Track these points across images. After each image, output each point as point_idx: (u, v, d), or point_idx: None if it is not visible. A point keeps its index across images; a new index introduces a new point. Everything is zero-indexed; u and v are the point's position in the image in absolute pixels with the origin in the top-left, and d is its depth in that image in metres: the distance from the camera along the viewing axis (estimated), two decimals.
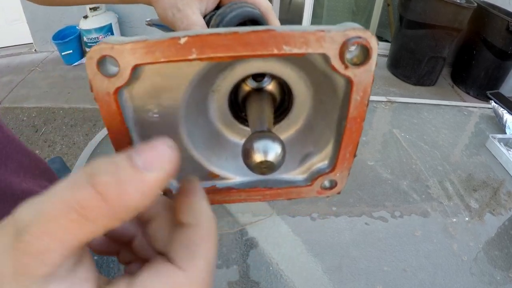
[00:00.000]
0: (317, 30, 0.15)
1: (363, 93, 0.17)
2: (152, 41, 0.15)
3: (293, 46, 0.15)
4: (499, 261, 0.44)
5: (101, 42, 0.15)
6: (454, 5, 2.27)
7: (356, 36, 0.15)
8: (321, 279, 0.41)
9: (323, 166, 0.21)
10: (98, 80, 0.16)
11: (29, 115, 2.17)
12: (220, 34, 0.14)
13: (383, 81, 2.72)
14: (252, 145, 0.16)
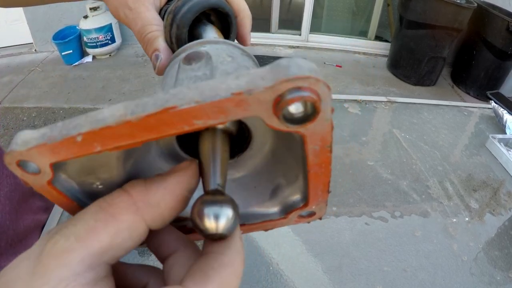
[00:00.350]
0: (233, 94, 0.11)
1: (321, 142, 0.14)
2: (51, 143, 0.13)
3: (207, 119, 0.12)
4: (499, 261, 0.44)
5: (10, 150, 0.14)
6: (454, 5, 2.27)
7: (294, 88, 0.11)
8: (321, 279, 0.41)
9: (296, 199, 0.20)
10: (29, 178, 0.15)
11: (29, 115, 2.17)
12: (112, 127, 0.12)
13: (383, 81, 2.72)
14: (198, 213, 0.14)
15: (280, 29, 3.17)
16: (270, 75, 0.11)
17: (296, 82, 0.11)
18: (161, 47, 0.25)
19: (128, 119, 0.12)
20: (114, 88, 2.42)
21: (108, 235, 0.13)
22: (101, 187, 0.17)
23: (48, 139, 0.13)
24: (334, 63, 2.89)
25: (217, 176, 0.16)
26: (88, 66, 2.69)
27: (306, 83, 0.11)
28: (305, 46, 3.12)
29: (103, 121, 0.13)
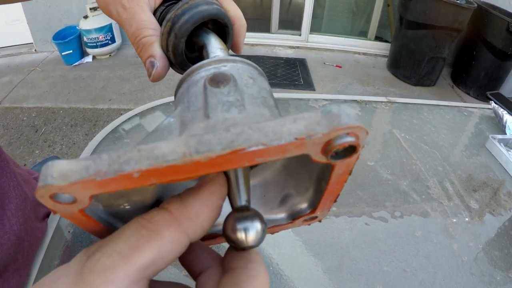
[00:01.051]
0: (297, 139, 0.13)
1: (346, 168, 0.16)
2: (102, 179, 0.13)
3: (268, 157, 0.13)
4: (499, 262, 0.44)
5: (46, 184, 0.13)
6: (454, 5, 2.27)
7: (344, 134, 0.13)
8: (321, 279, 0.41)
9: (304, 207, 0.21)
10: (60, 208, 0.14)
11: (29, 115, 2.17)
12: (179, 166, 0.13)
13: (383, 81, 2.72)
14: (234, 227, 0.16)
15: (280, 29, 3.17)
16: (325, 122, 0.13)
17: (347, 130, 0.13)
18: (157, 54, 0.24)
19: (197, 159, 0.13)
20: (114, 88, 2.42)
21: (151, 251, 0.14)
22: (129, 207, 0.18)
23: (96, 174, 0.13)
24: (334, 63, 2.89)
25: (242, 193, 0.17)
26: (88, 66, 2.69)
27: (354, 130, 0.13)
28: (305, 47, 3.12)
29: (164, 158, 0.13)
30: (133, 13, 0.25)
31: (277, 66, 2.78)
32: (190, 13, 0.24)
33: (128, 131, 0.62)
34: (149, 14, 0.26)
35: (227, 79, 0.18)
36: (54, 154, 1.89)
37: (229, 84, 0.18)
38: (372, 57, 3.08)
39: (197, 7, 0.24)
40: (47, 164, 0.13)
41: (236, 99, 0.17)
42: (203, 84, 0.19)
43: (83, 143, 1.96)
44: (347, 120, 0.13)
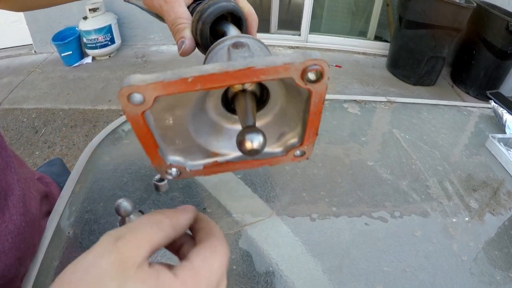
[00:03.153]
0: (284, 63, 0.21)
1: (319, 97, 0.23)
2: (168, 81, 0.20)
3: (268, 75, 0.21)
4: (499, 261, 0.44)
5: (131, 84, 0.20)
6: (453, 5, 2.27)
7: (313, 64, 0.21)
8: (321, 279, 0.41)
9: (295, 141, 0.28)
10: (129, 107, 0.21)
11: (29, 116, 2.17)
12: (216, 74, 0.20)
13: (382, 81, 2.72)
14: (243, 138, 0.22)
15: (279, 29, 3.17)
16: (302, 57, 0.21)
17: (315, 61, 0.21)
18: (187, 36, 0.33)
19: (226, 70, 0.20)
20: (114, 89, 2.42)
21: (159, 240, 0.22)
22: (171, 122, 0.25)
23: (164, 78, 0.20)
24: (333, 63, 2.89)
25: (250, 117, 0.24)
26: (88, 67, 2.69)
27: (319, 63, 0.21)
28: (304, 47, 3.12)
29: (207, 71, 0.20)
30: (172, 7, 0.34)
31: None
32: (214, 6, 0.33)
33: (128, 132, 0.62)
34: (184, 8, 0.34)
35: (244, 45, 0.26)
36: (54, 155, 1.89)
37: (245, 48, 0.26)
38: (372, 57, 3.08)
39: (219, 3, 0.33)
40: (128, 76, 0.20)
41: (249, 55, 0.26)
42: (227, 48, 0.26)
43: (83, 144, 1.96)
44: (315, 56, 0.21)
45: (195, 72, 0.20)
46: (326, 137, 0.64)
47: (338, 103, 0.74)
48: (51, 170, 0.67)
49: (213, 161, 0.29)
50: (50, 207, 0.52)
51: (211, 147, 0.29)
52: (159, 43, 2.99)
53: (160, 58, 2.82)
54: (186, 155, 0.29)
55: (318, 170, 0.56)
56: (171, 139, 0.27)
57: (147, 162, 0.58)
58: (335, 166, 0.58)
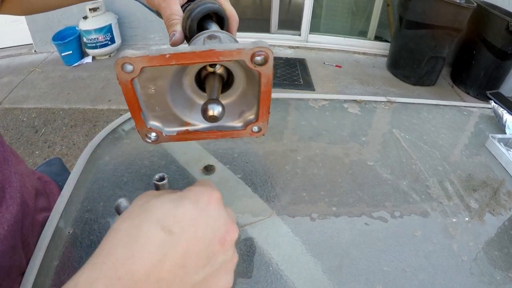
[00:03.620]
0: (238, 48, 0.27)
1: (267, 79, 0.29)
2: (151, 55, 0.27)
3: (225, 57, 0.27)
4: (499, 261, 0.44)
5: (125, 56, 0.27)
6: (454, 5, 2.27)
7: (259, 50, 0.27)
8: (321, 279, 0.41)
9: (252, 118, 0.35)
10: (121, 75, 0.28)
11: (29, 115, 2.17)
12: (186, 53, 0.27)
13: (383, 81, 2.72)
14: (206, 106, 0.28)
15: (279, 29, 3.17)
16: (252, 45, 0.27)
17: (261, 48, 0.27)
18: (178, 30, 0.39)
19: (194, 50, 0.26)
20: (114, 89, 2.42)
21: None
22: (153, 91, 0.32)
23: (149, 53, 0.26)
24: (333, 63, 2.89)
25: (214, 92, 0.30)
26: (88, 66, 2.69)
27: (265, 50, 0.27)
28: (305, 47, 3.12)
29: (180, 50, 0.27)
30: (169, 4, 0.40)
31: (276, 66, 2.78)
32: (201, 7, 0.39)
33: (128, 131, 0.62)
34: (178, 6, 0.40)
35: (216, 37, 0.33)
36: (54, 155, 1.89)
37: (217, 39, 0.32)
38: (372, 57, 3.08)
39: (206, 4, 0.40)
40: (124, 50, 0.27)
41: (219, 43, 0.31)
42: (203, 39, 0.33)
43: (83, 143, 1.96)
44: (262, 44, 0.27)
45: (172, 50, 0.26)
46: (326, 137, 0.64)
47: (338, 103, 0.74)
48: (50, 169, 0.68)
49: (185, 129, 0.35)
50: (47, 204, 0.52)
51: (185, 117, 0.35)
52: (159, 42, 2.99)
53: None
54: (163, 121, 0.35)
55: (318, 170, 0.56)
56: (152, 106, 0.34)
57: (147, 162, 0.59)
58: (335, 166, 0.58)
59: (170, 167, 0.54)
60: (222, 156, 0.57)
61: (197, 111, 0.34)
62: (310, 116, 0.69)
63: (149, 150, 0.58)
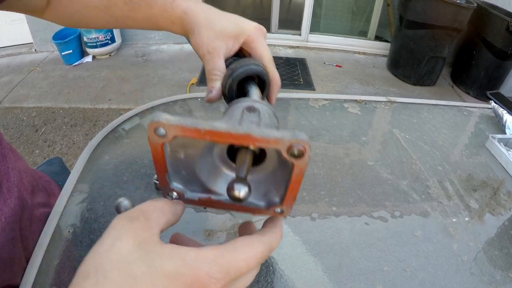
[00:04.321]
0: (276, 138, 0.25)
1: (300, 170, 0.28)
2: (186, 127, 0.26)
3: (260, 144, 0.26)
4: (499, 261, 0.44)
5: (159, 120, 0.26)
6: (454, 5, 2.27)
7: (297, 143, 0.25)
8: (321, 279, 0.41)
9: (277, 200, 0.33)
10: (153, 137, 0.27)
11: (29, 115, 2.17)
12: (222, 132, 0.26)
13: (383, 81, 2.72)
14: (233, 186, 0.27)
15: (280, 29, 3.17)
16: (290, 135, 0.25)
17: (300, 142, 0.25)
18: (216, 87, 0.39)
19: (230, 132, 0.25)
20: (114, 88, 2.42)
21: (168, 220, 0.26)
22: (182, 156, 0.31)
23: (184, 124, 0.26)
24: (334, 63, 2.89)
25: (243, 171, 0.28)
26: (88, 66, 2.69)
27: (303, 143, 0.25)
28: (305, 46, 3.12)
29: (217, 128, 0.25)
30: (212, 57, 0.41)
31: (277, 66, 2.76)
32: (244, 67, 0.40)
33: (128, 130, 0.62)
34: (221, 61, 0.41)
35: (255, 110, 0.33)
36: (54, 154, 1.89)
37: (256, 113, 0.33)
38: (372, 57, 3.08)
39: (249, 65, 0.40)
40: (158, 113, 0.25)
41: (256, 121, 0.32)
42: (242, 109, 0.33)
43: (83, 143, 1.96)
44: (301, 137, 0.25)
45: (208, 126, 0.26)
46: (326, 137, 0.64)
47: (338, 102, 0.74)
48: (50, 169, 0.68)
49: (207, 196, 0.34)
50: (46, 200, 0.53)
51: (209, 184, 0.34)
52: (160, 42, 2.99)
53: (160, 57, 2.82)
54: (187, 184, 0.34)
55: (318, 170, 0.56)
56: (179, 169, 0.33)
57: (147, 161, 0.59)
58: (335, 166, 0.58)
59: None
60: None
61: (223, 180, 0.34)
62: (310, 115, 0.69)
63: (149, 150, 0.58)
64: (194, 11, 0.44)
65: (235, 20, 0.44)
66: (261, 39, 0.44)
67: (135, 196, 0.49)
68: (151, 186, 0.51)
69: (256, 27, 0.44)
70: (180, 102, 0.70)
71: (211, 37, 0.41)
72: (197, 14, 0.43)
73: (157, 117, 0.26)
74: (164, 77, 2.57)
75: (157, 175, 0.32)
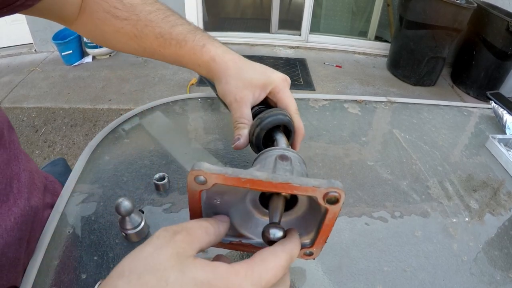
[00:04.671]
0: (314, 186, 0.27)
1: (333, 215, 0.29)
2: (227, 176, 0.27)
3: (298, 191, 0.28)
4: (499, 261, 0.44)
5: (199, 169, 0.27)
6: (454, 5, 2.27)
7: (333, 191, 0.27)
8: (321, 279, 0.41)
9: (307, 242, 0.34)
10: (192, 184, 0.28)
11: (29, 115, 2.17)
12: (263, 181, 0.27)
13: (383, 81, 2.72)
14: (268, 230, 0.28)
15: (280, 29, 3.17)
16: (328, 183, 0.27)
17: (335, 189, 0.27)
18: (244, 135, 0.41)
19: (271, 181, 0.27)
20: (114, 89, 2.42)
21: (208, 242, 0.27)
22: (218, 202, 0.32)
23: (226, 172, 0.27)
24: (334, 63, 2.89)
25: (277, 216, 0.29)
26: (88, 66, 2.69)
27: (338, 191, 0.27)
28: (305, 47, 3.12)
29: (258, 177, 0.27)
30: (240, 106, 0.42)
31: (277, 66, 2.78)
32: (272, 117, 0.42)
33: (128, 131, 0.62)
34: (248, 110, 0.43)
35: (288, 159, 0.34)
36: (54, 154, 1.89)
37: (288, 161, 0.34)
38: (372, 57, 3.08)
39: (277, 116, 0.42)
40: (199, 162, 0.27)
41: (290, 169, 0.33)
42: (275, 158, 0.35)
43: (83, 143, 1.96)
44: (337, 185, 0.27)
45: (249, 176, 0.27)
46: (326, 137, 0.64)
47: (338, 103, 0.75)
48: (54, 169, 0.68)
49: (238, 240, 0.35)
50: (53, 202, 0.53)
51: (241, 228, 0.35)
52: None
53: None
54: None
55: (318, 170, 0.56)
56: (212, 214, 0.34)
57: (147, 162, 0.59)
58: (335, 166, 0.58)
59: (170, 167, 0.54)
60: (222, 156, 0.57)
61: (254, 225, 0.35)
62: (310, 116, 0.69)
63: (149, 150, 0.58)
64: (222, 59, 0.45)
65: (262, 70, 0.46)
66: (287, 89, 0.46)
67: (135, 196, 0.49)
68: (151, 186, 0.51)
69: (282, 78, 0.46)
70: (180, 102, 0.70)
71: (239, 86, 0.43)
72: (225, 62, 0.45)
73: (199, 166, 0.27)
74: (164, 77, 2.57)
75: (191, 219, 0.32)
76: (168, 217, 0.46)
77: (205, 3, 3.01)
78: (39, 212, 0.48)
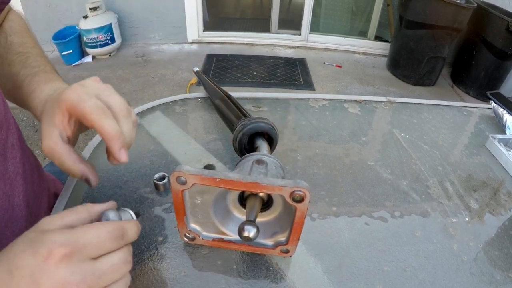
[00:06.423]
0: (280, 185, 0.31)
1: (301, 213, 0.33)
2: (204, 176, 0.31)
3: (267, 190, 0.32)
4: (499, 261, 0.44)
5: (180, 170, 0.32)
6: (454, 5, 2.27)
7: (298, 190, 0.31)
8: (321, 279, 0.41)
9: (283, 240, 0.38)
10: (175, 184, 0.32)
11: (28, 115, 2.16)
12: (234, 181, 0.31)
13: (383, 81, 2.72)
14: (243, 227, 0.31)
15: (280, 29, 3.17)
16: (292, 184, 0.31)
17: (300, 188, 0.31)
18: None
19: (241, 181, 0.31)
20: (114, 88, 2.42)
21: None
22: (199, 202, 0.37)
23: (202, 174, 0.32)
24: (333, 63, 2.89)
25: (253, 214, 0.33)
26: (88, 66, 2.69)
27: (303, 190, 0.31)
28: (305, 46, 3.12)
29: (230, 178, 0.31)
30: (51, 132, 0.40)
31: (277, 66, 2.78)
32: (254, 125, 0.47)
33: None
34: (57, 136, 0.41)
35: (263, 163, 0.37)
36: None
37: (264, 165, 0.37)
38: (372, 57, 3.08)
39: (258, 123, 0.47)
40: (181, 165, 0.32)
41: (264, 171, 0.36)
42: (252, 162, 0.37)
43: (83, 143, 1.96)
44: (302, 184, 0.31)
45: (222, 176, 0.31)
46: (326, 137, 0.64)
47: (338, 103, 0.75)
48: (54, 169, 0.68)
49: (220, 237, 0.39)
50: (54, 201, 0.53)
51: (222, 227, 0.39)
52: (159, 42, 2.99)
53: (160, 57, 2.82)
54: (202, 227, 0.39)
55: (318, 170, 0.56)
56: (196, 213, 0.38)
57: (147, 162, 0.59)
58: (335, 166, 0.58)
59: (170, 166, 0.54)
60: (222, 155, 0.57)
61: (234, 223, 0.39)
62: (310, 116, 0.69)
63: (149, 150, 0.58)
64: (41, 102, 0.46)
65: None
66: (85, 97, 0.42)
67: (135, 196, 0.49)
68: (151, 186, 0.51)
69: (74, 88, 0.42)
70: (180, 102, 0.70)
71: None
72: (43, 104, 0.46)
73: (179, 168, 0.31)
74: (164, 77, 2.57)
75: (176, 218, 0.37)
76: (168, 217, 0.46)
77: (205, 3, 3.01)
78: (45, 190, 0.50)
